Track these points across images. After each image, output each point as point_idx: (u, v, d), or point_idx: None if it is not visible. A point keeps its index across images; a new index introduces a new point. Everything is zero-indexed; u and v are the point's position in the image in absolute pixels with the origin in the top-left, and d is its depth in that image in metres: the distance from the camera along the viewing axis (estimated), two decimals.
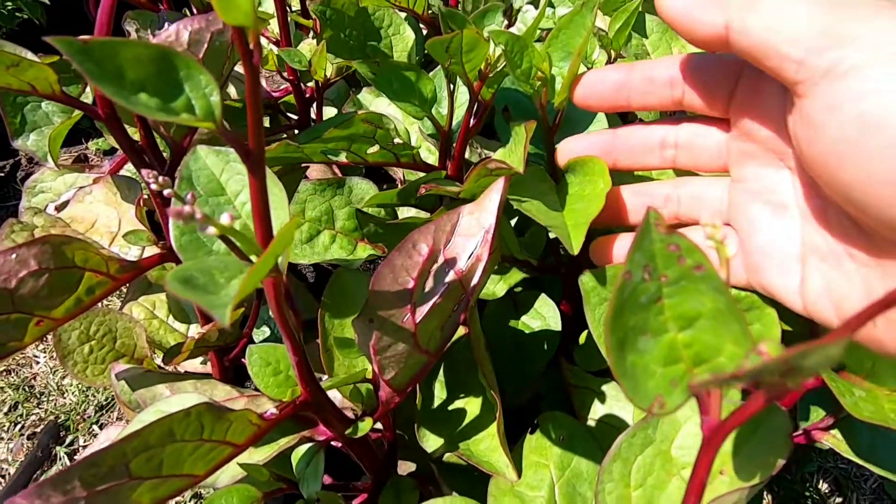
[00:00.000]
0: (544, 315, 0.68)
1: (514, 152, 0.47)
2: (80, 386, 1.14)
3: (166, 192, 0.32)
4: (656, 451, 0.37)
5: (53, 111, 0.62)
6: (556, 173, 0.54)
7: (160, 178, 0.32)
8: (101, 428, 1.09)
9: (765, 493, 1.02)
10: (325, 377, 0.59)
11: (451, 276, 0.42)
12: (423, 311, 0.41)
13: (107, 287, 0.48)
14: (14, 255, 0.42)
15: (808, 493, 1.01)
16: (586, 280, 0.42)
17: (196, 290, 0.23)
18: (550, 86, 0.50)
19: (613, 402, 0.62)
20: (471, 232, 0.43)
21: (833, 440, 0.48)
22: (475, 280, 0.43)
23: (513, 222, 0.71)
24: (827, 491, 1.02)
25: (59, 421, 1.10)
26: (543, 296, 0.68)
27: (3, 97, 0.63)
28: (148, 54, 0.25)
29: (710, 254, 0.21)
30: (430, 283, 0.42)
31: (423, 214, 0.63)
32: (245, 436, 0.37)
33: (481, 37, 0.47)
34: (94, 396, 1.13)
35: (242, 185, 0.41)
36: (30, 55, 0.41)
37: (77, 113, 0.65)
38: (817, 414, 0.52)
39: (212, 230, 0.24)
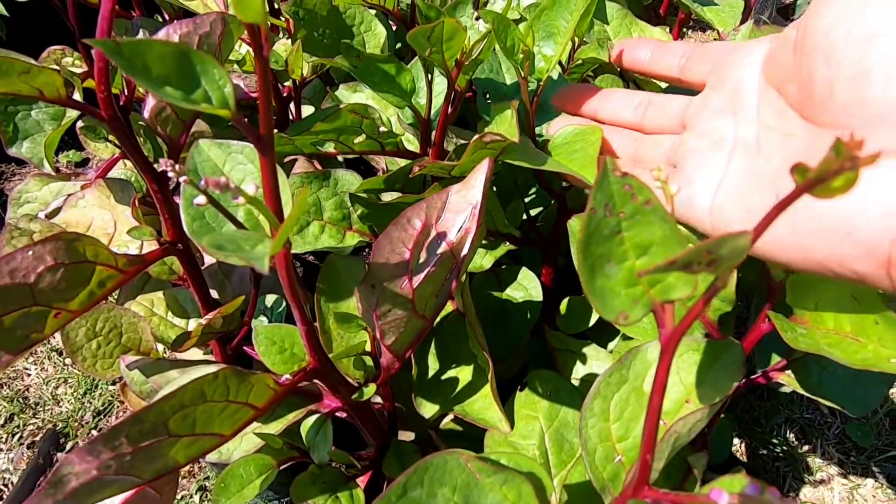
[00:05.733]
0: (526, 286, 0.72)
1: (501, 125, 0.51)
2: (75, 394, 1.16)
3: (182, 178, 0.35)
4: (630, 387, 0.41)
5: (44, 119, 0.65)
6: (538, 147, 0.59)
7: (177, 167, 0.35)
8: (100, 432, 1.11)
9: (739, 443, 1.08)
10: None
11: (443, 248, 0.46)
12: (419, 278, 0.45)
13: (116, 280, 0.51)
14: (31, 252, 0.45)
15: (776, 442, 1.07)
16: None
17: (229, 252, 0.26)
18: (532, 61, 0.54)
19: (593, 361, 0.67)
20: (460, 208, 0.48)
21: (787, 378, 0.53)
22: (465, 251, 0.47)
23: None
24: (794, 439, 1.09)
25: (58, 429, 1.11)
26: (525, 269, 0.72)
27: None
28: (169, 51, 0.29)
29: (659, 193, 0.26)
30: (424, 254, 0.46)
31: (411, 196, 0.67)
32: (264, 399, 0.40)
33: (460, 26, 0.51)
34: (91, 403, 1.15)
35: (244, 174, 0.44)
36: (34, 62, 0.44)
37: (68, 119, 0.68)
38: (775, 359, 0.58)
39: (241, 199, 0.28)
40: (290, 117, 0.95)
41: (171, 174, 0.35)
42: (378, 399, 0.63)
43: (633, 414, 0.40)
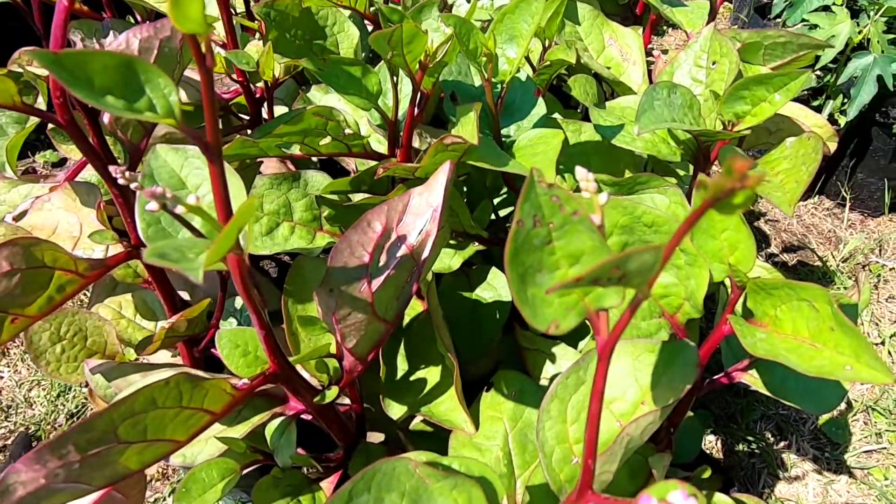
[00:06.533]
0: (496, 286, 0.72)
1: (465, 128, 0.51)
2: (48, 397, 1.15)
3: (133, 185, 0.35)
4: (588, 389, 0.42)
5: (7, 122, 0.64)
6: (503, 149, 0.59)
7: (127, 173, 0.35)
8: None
9: (715, 440, 1.09)
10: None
11: (403, 251, 0.47)
12: (378, 281, 0.45)
13: (77, 285, 0.51)
14: None
15: (752, 438, 1.09)
16: None
17: (170, 260, 0.26)
18: (495, 63, 0.54)
19: (562, 360, 0.67)
20: (420, 211, 0.48)
21: (750, 378, 0.54)
22: (426, 253, 0.47)
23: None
24: (770, 435, 1.10)
25: (31, 432, 1.11)
26: (494, 269, 0.73)
27: None
28: (113, 62, 0.29)
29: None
30: (384, 257, 0.46)
31: (377, 198, 0.67)
32: (221, 404, 0.40)
33: (419, 29, 0.51)
34: (64, 405, 1.14)
35: (202, 178, 0.44)
36: None
37: (31, 123, 0.67)
38: (739, 359, 0.58)
39: (180, 209, 0.28)
40: (265, 118, 0.95)
41: (121, 181, 0.35)
42: (347, 401, 0.63)
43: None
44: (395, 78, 0.60)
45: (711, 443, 1.09)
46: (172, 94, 0.30)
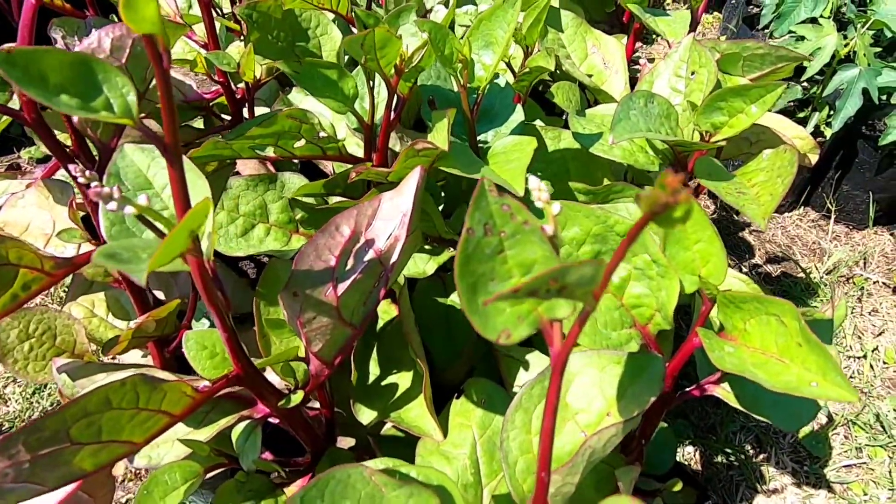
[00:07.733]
0: None
1: (438, 134, 0.51)
2: (23, 393, 1.14)
3: (93, 184, 0.35)
4: None
5: None
6: (478, 155, 0.59)
7: (87, 172, 0.35)
8: None
9: (693, 451, 1.09)
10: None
11: (371, 255, 0.46)
12: (344, 286, 0.45)
13: (42, 283, 0.50)
14: None
15: (730, 450, 1.09)
16: None
17: (119, 261, 0.26)
18: (470, 69, 0.54)
19: (535, 368, 0.67)
20: (390, 215, 0.47)
21: (722, 391, 0.53)
22: (394, 258, 0.47)
23: (440, 208, 0.75)
24: (749, 447, 1.10)
25: (4, 429, 1.10)
26: None
27: None
28: (68, 60, 0.28)
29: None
30: (351, 262, 0.46)
31: (350, 201, 0.66)
32: (181, 406, 0.40)
33: (393, 34, 0.51)
34: (39, 403, 1.13)
35: (168, 179, 0.44)
36: None
37: (4, 120, 0.67)
38: (713, 371, 0.58)
39: (130, 210, 0.28)
40: (246, 118, 0.94)
41: (81, 180, 0.35)
42: (317, 405, 0.63)
43: (556, 426, 0.40)
44: (371, 82, 0.60)
45: (689, 454, 1.09)
46: (131, 94, 0.30)
